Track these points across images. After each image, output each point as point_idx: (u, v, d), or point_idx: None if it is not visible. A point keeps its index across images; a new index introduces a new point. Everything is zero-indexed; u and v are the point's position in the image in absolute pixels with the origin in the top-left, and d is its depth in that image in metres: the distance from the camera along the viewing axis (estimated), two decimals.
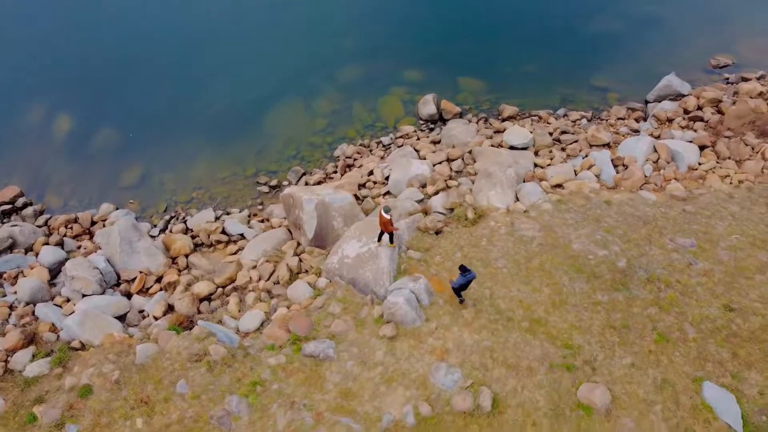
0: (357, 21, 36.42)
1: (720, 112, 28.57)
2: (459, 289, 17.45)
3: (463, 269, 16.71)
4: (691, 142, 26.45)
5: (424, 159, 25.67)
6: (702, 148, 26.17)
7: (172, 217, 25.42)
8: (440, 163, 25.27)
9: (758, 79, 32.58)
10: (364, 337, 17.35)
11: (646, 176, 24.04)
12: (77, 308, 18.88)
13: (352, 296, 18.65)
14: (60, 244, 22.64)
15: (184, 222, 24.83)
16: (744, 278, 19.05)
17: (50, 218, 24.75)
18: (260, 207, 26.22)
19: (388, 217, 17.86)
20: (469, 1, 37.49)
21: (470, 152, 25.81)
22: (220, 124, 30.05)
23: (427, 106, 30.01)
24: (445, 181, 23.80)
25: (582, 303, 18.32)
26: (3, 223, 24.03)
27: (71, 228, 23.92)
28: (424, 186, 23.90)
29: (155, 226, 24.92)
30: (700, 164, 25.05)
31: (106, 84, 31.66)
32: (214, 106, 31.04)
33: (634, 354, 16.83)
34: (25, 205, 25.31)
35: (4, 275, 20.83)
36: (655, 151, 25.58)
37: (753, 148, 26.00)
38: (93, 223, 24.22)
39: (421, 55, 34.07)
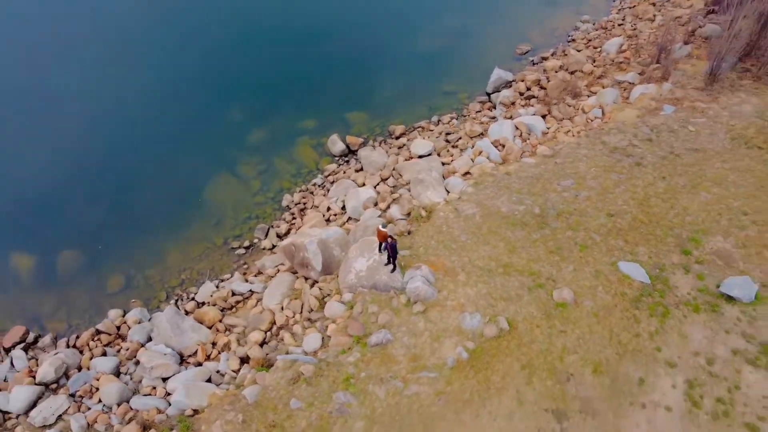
0: (236, 91, 41.55)
1: (543, 87, 38.96)
2: (393, 258, 24.16)
3: (392, 240, 23.71)
4: (534, 115, 36.23)
5: (363, 185, 32.21)
6: (544, 117, 36.06)
7: (176, 301, 28.98)
8: (378, 184, 32.05)
9: (552, 55, 44.05)
10: (404, 319, 23.63)
11: (520, 148, 33.06)
12: (172, 387, 22.62)
13: (378, 296, 24.73)
14: (104, 354, 25.46)
15: (193, 299, 28.62)
16: (609, 194, 28.57)
17: (68, 340, 26.99)
18: (245, 266, 30.75)
19: (385, 230, 24.30)
20: (325, 51, 44.42)
21: (394, 169, 32.93)
22: (167, 213, 33.33)
23: (336, 144, 36.48)
24: (390, 195, 30.64)
25: (526, 244, 26.38)
26: (30, 359, 25.91)
27: (99, 339, 26.57)
28: (376, 204, 30.48)
29: None
30: (548, 128, 34.81)
31: (39, 208, 33.34)
32: (152, 200, 34.07)
33: (572, 263, 25.23)
34: (36, 339, 27.19)
35: (78, 392, 23.45)
36: (517, 128, 34.82)
37: (574, 107, 36.52)
38: (118, 328, 27.07)
39: (307, 105, 40.27)
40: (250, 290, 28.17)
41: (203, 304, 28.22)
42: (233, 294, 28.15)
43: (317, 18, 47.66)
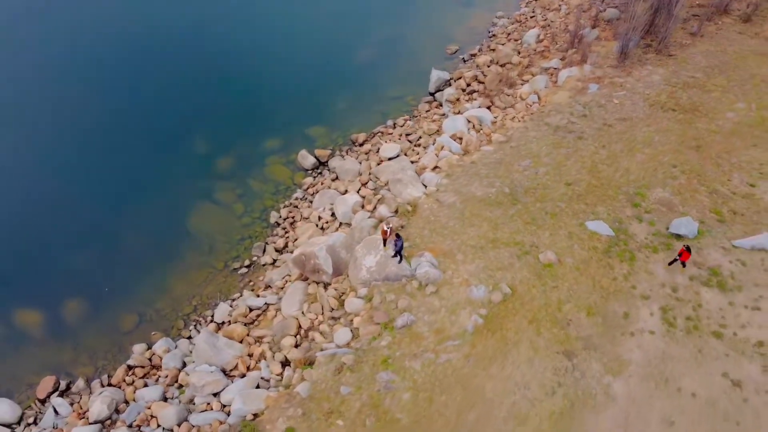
0: (197, 123, 43.03)
1: (481, 82, 43.29)
2: (399, 251, 27.28)
3: (397, 236, 26.92)
4: (480, 107, 40.45)
5: (347, 192, 35.09)
6: (489, 108, 40.37)
7: (195, 325, 30.69)
8: (360, 188, 35.03)
9: (479, 51, 48.60)
10: (421, 300, 26.90)
11: (477, 138, 37.10)
12: (227, 399, 24.73)
13: (392, 286, 27.82)
14: (145, 385, 26.97)
15: (212, 321, 30.44)
16: (563, 167, 33.15)
17: (101, 380, 28.14)
18: (251, 283, 32.83)
19: (388, 229, 27.46)
20: (274, 75, 46.63)
21: (371, 173, 36.04)
22: (161, 249, 34.27)
23: (307, 158, 39.07)
24: (374, 197, 33.75)
25: (505, 220, 30.36)
26: (72, 404, 26.95)
27: (134, 373, 27.97)
28: (363, 207, 33.48)
29: (190, 337, 30.04)
30: (496, 118, 39.13)
31: (32, 262, 33.70)
32: (142, 239, 34.73)
33: (547, 229, 29.47)
34: (68, 386, 28.13)
35: (135, 423, 24.95)
36: (469, 121, 38.88)
37: (513, 96, 41.10)
38: (149, 360, 28.51)
39: (268, 128, 42.25)
40: (266, 303, 30.37)
41: (223, 323, 30.11)
42: (251, 309, 30.24)
43: (261, 46, 49.56)
